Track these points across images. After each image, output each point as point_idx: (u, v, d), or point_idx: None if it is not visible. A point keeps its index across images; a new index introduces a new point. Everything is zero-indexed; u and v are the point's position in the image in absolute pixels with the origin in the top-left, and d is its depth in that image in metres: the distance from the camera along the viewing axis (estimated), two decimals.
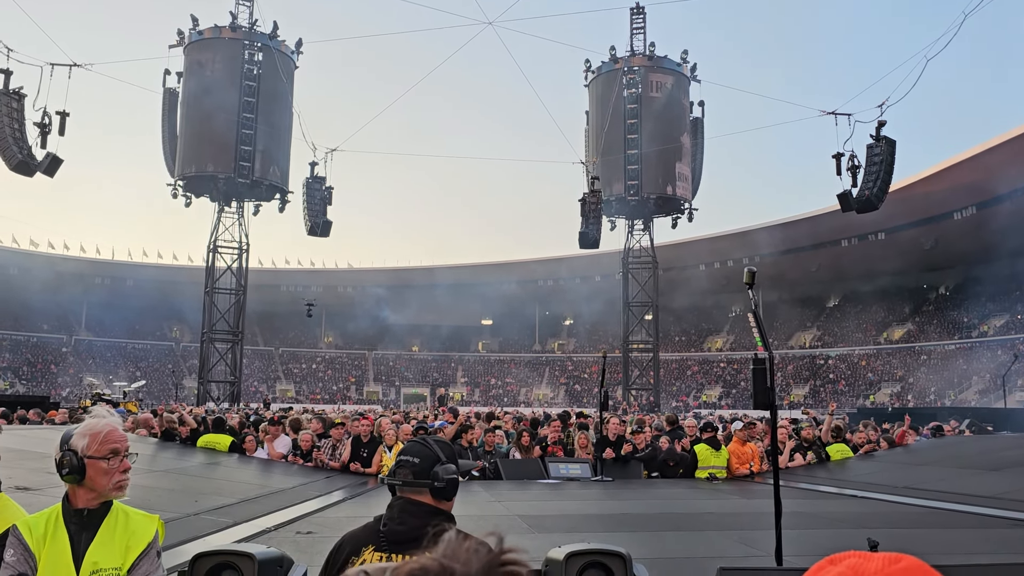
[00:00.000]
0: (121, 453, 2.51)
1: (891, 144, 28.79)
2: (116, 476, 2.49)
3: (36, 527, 2.46)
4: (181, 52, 38.74)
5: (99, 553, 2.44)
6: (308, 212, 34.95)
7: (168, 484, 8.03)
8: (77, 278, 58.78)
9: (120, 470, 2.50)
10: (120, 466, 2.50)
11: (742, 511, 7.88)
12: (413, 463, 2.34)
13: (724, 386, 58.36)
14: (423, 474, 2.30)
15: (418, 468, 2.31)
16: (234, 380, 38.57)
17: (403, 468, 2.33)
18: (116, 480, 2.49)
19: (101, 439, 2.50)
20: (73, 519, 2.47)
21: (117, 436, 2.53)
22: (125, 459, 2.52)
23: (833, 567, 0.74)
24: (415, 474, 2.31)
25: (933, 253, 51.69)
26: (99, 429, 2.54)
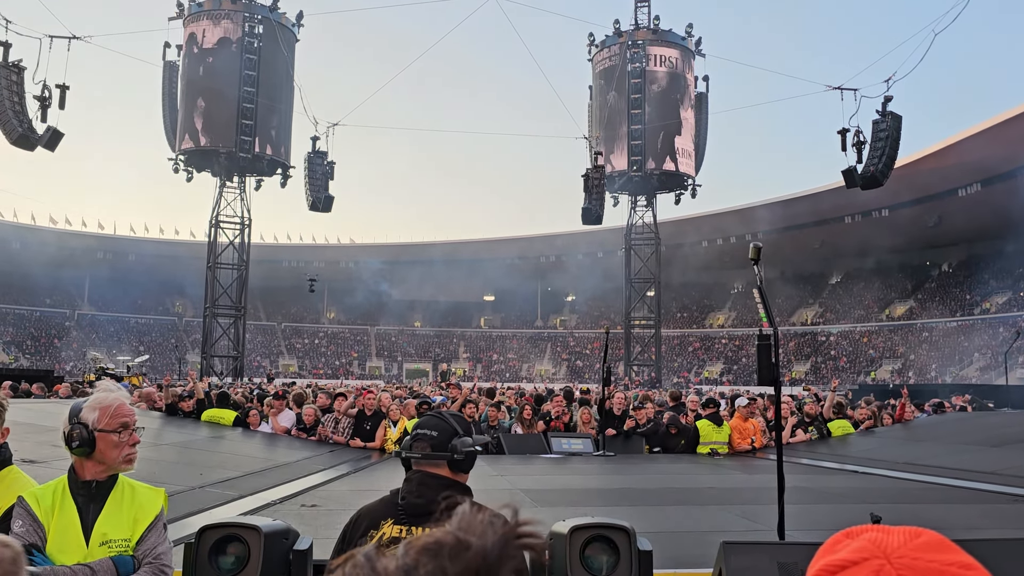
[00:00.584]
0: (131, 427, 2.55)
1: (897, 120, 28.59)
2: (126, 449, 2.53)
3: (44, 498, 2.48)
4: (181, 24, 38.43)
5: (108, 524, 2.47)
6: (310, 187, 34.85)
7: (173, 457, 8.09)
8: (80, 252, 58.77)
9: (130, 443, 2.54)
10: (130, 439, 2.54)
11: (744, 486, 7.93)
12: (431, 436, 2.35)
13: (725, 362, 58.50)
14: (441, 447, 2.33)
15: (436, 441, 2.33)
16: (237, 355, 38.70)
17: (421, 441, 2.35)
18: (126, 453, 2.53)
19: (112, 412, 2.53)
20: (81, 491, 2.50)
21: (127, 410, 2.57)
22: (134, 432, 2.56)
23: (851, 541, 0.74)
24: (433, 447, 2.33)
25: (936, 230, 51.55)
26: (109, 403, 2.56)
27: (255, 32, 37.32)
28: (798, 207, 51.36)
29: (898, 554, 0.68)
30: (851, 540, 0.74)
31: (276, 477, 7.57)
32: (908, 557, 0.69)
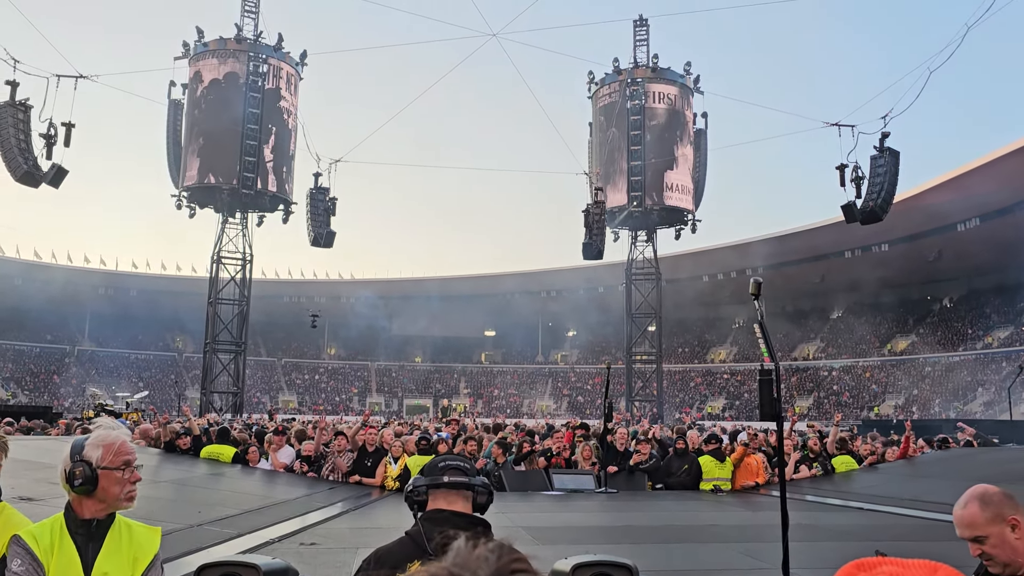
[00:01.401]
0: (132, 464, 2.54)
1: (895, 155, 28.79)
2: (127, 487, 2.51)
3: (42, 537, 2.44)
4: (186, 64, 38.92)
5: (108, 564, 2.45)
6: (312, 223, 35.00)
7: (171, 495, 8.02)
8: (81, 288, 58.95)
9: (131, 480, 2.53)
10: (131, 477, 2.53)
11: (747, 523, 7.85)
12: (464, 467, 2.34)
13: (727, 397, 58.22)
14: (468, 486, 2.30)
15: (467, 481, 2.31)
16: (236, 391, 38.54)
17: (454, 470, 2.31)
18: (127, 491, 2.52)
19: (115, 450, 2.52)
20: (80, 530, 2.47)
21: (129, 448, 2.57)
22: (136, 471, 2.55)
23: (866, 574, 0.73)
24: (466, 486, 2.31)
25: (936, 265, 51.64)
26: (112, 440, 2.55)
27: (259, 71, 37.77)
28: (798, 242, 51.52)
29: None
30: (866, 573, 0.73)
31: (275, 515, 7.50)
32: None
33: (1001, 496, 2.33)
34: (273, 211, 39.52)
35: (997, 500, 2.31)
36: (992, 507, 2.30)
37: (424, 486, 2.30)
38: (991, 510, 2.29)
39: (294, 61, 39.51)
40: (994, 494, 2.33)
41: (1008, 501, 2.31)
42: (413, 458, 10.18)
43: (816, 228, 49.51)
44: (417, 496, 2.31)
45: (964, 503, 2.38)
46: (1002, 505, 2.30)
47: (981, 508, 2.31)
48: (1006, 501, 2.31)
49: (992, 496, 2.33)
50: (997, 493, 2.34)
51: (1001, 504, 2.30)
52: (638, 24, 41.10)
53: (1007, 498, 2.32)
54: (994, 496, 2.33)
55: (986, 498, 2.32)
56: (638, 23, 41.09)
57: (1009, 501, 2.31)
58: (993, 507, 2.29)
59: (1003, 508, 2.28)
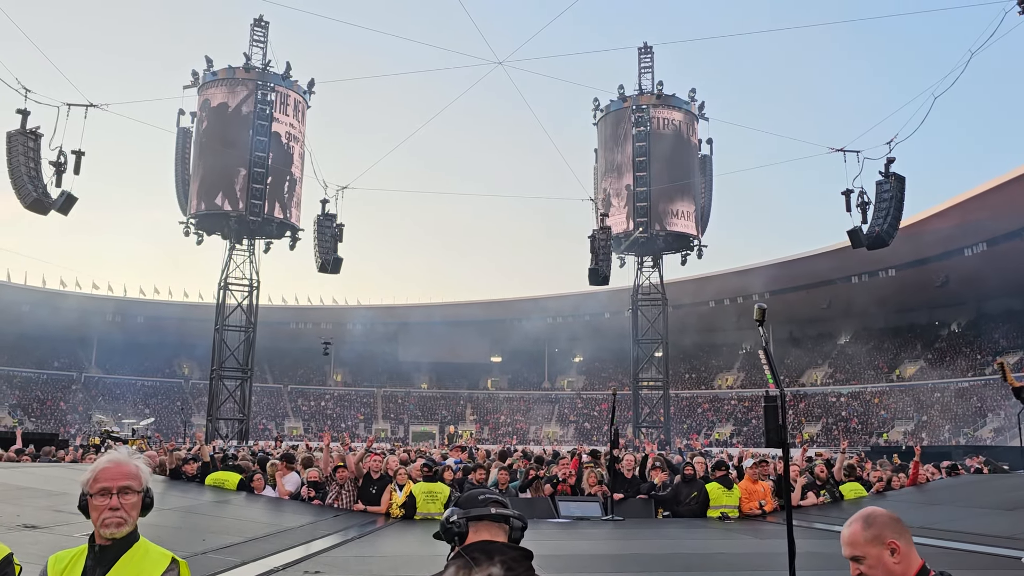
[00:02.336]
0: (112, 491, 2.50)
1: (900, 180, 28.82)
2: (103, 513, 2.48)
3: (60, 561, 2.52)
4: (195, 92, 39.39)
5: None
6: (319, 249, 35.13)
7: (176, 522, 7.99)
8: (88, 315, 59.11)
9: (107, 507, 2.49)
10: (105, 504, 2.49)
11: (754, 551, 7.78)
12: (501, 499, 2.33)
13: (735, 424, 57.84)
14: (508, 519, 2.29)
15: (510, 513, 2.30)
16: (242, 417, 38.50)
17: (495, 502, 2.30)
18: (103, 517, 2.49)
19: (95, 477, 2.53)
20: (91, 555, 2.51)
21: (109, 474, 2.53)
22: (116, 496, 2.50)
23: None
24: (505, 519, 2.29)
25: (944, 290, 51.45)
26: (97, 467, 2.57)
27: (267, 99, 38.17)
28: (804, 267, 51.47)
29: None
30: None
31: (280, 543, 7.46)
32: None
33: (886, 519, 2.33)
34: (280, 237, 39.73)
35: (881, 522, 2.31)
36: (874, 528, 2.30)
37: (464, 518, 2.27)
38: (872, 531, 2.29)
39: (302, 89, 39.93)
40: (879, 516, 2.34)
41: (892, 524, 2.31)
42: (418, 485, 10.13)
43: (822, 253, 49.48)
44: (458, 528, 2.27)
45: (850, 522, 2.38)
46: (885, 527, 2.30)
47: (863, 528, 2.32)
48: (890, 524, 2.31)
49: (877, 518, 2.33)
50: (883, 515, 2.34)
51: (884, 526, 2.30)
52: (643, 51, 41.48)
53: (892, 521, 2.32)
54: (879, 518, 2.33)
55: (870, 519, 2.33)
56: (643, 50, 41.47)
57: (893, 524, 2.31)
58: (875, 528, 2.29)
59: (885, 530, 2.29)
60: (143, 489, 2.58)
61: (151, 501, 2.63)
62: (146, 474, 2.63)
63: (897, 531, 2.30)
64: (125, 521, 2.50)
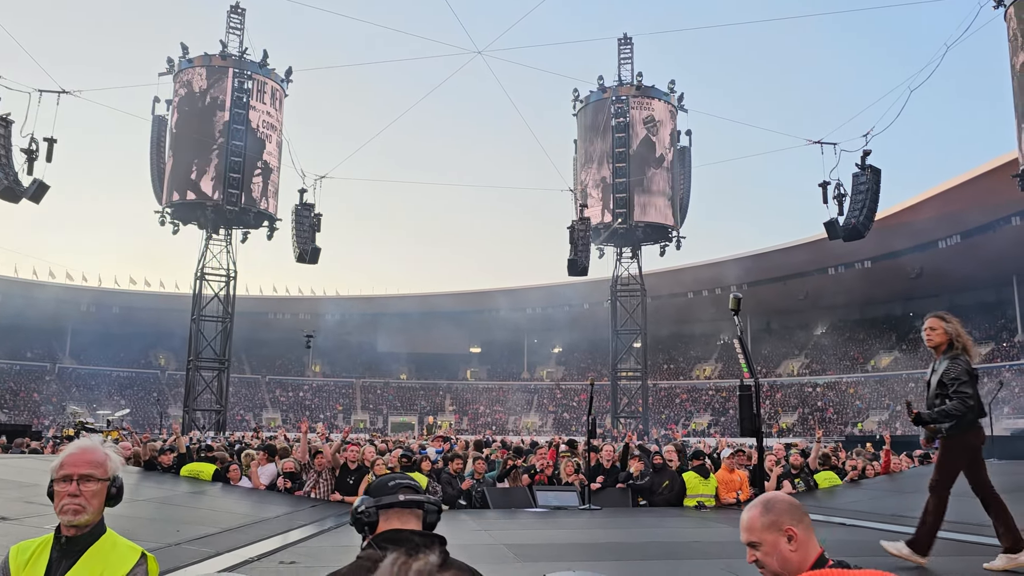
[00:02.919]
0: (73, 478, 2.44)
1: (876, 173, 29.09)
2: (62, 499, 2.43)
3: (23, 552, 2.45)
4: (171, 80, 38.86)
5: None
6: (297, 239, 34.89)
7: (150, 514, 7.92)
8: (62, 305, 58.34)
9: (67, 493, 2.43)
10: (65, 490, 2.43)
11: (730, 540, 7.83)
12: (416, 488, 2.28)
13: (713, 414, 58.29)
14: (421, 504, 2.25)
15: (421, 499, 2.26)
16: (220, 408, 38.22)
17: (407, 488, 2.25)
18: (60, 503, 2.43)
19: (60, 464, 2.48)
20: (56, 546, 2.45)
21: (73, 460, 2.47)
22: (76, 483, 2.43)
23: None
24: (419, 504, 2.26)
25: (918, 282, 52.08)
26: (64, 453, 2.52)
27: (244, 87, 37.74)
28: (781, 259, 51.86)
29: None
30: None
31: (256, 533, 7.42)
32: None
33: (786, 505, 2.29)
34: (258, 227, 39.38)
35: (780, 508, 2.27)
36: (772, 514, 2.26)
37: (374, 507, 2.21)
38: (770, 517, 2.25)
39: (279, 77, 39.53)
40: (779, 501, 2.30)
41: (791, 511, 2.27)
42: None
43: (799, 245, 49.89)
44: (368, 517, 2.21)
45: (749, 507, 2.35)
46: (783, 514, 2.25)
47: (761, 513, 2.28)
48: (789, 510, 2.27)
49: (776, 504, 2.29)
50: (783, 501, 2.31)
51: (782, 513, 2.26)
52: (623, 42, 41.48)
53: (792, 508, 2.29)
54: (778, 504, 2.29)
55: (769, 504, 2.29)
56: (623, 41, 41.46)
57: (792, 511, 2.27)
58: (773, 514, 2.25)
59: (783, 517, 2.24)
60: (108, 478, 2.50)
61: (118, 491, 2.54)
62: (114, 463, 2.55)
63: (796, 518, 2.26)
64: (83, 509, 2.42)
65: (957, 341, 6.04)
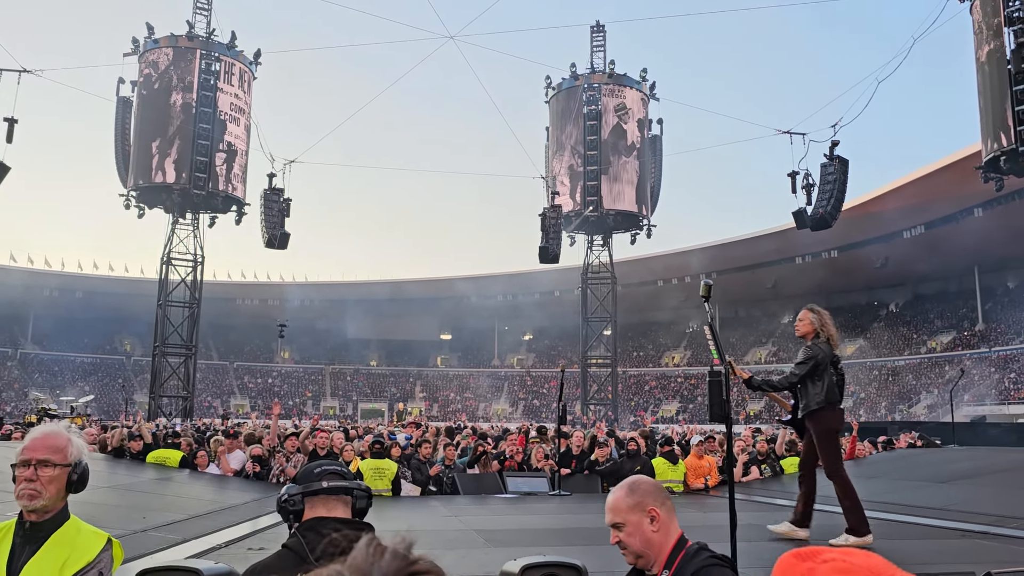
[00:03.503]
0: (31, 463, 2.39)
1: (844, 163, 29.44)
2: (20, 484, 2.38)
3: None
4: (136, 60, 38.08)
5: (35, 569, 2.34)
6: (265, 224, 34.45)
7: (116, 500, 7.81)
8: (24, 289, 57.08)
9: (24, 478, 2.38)
10: (21, 474, 2.39)
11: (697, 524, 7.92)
12: (343, 475, 2.26)
13: (681, 401, 58.89)
14: (347, 491, 2.23)
15: (346, 485, 2.23)
16: (187, 395, 37.76)
17: (332, 475, 2.23)
18: (18, 488, 2.39)
19: (21, 447, 2.44)
20: (19, 532, 2.39)
21: (32, 445, 2.43)
22: (34, 468, 2.38)
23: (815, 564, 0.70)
24: (345, 491, 2.23)
25: (883, 271, 52.95)
26: (28, 438, 2.48)
27: (211, 69, 37.10)
28: (750, 248, 52.38)
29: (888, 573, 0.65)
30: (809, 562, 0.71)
31: (224, 520, 7.35)
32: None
33: (650, 487, 2.34)
34: (226, 212, 38.81)
35: (644, 490, 2.32)
36: (636, 495, 2.30)
37: (299, 494, 2.17)
38: (634, 498, 2.29)
39: (247, 60, 38.90)
40: (643, 484, 2.35)
41: (655, 493, 2.32)
42: (365, 461, 10.08)
43: (768, 234, 50.42)
44: (293, 506, 2.17)
45: (614, 489, 2.40)
46: (647, 495, 2.30)
47: (626, 494, 2.32)
48: (652, 492, 2.31)
49: (640, 485, 2.33)
50: (647, 483, 2.36)
51: (646, 494, 2.30)
52: (595, 30, 41.41)
53: (655, 490, 2.34)
54: (642, 485, 2.33)
55: (634, 486, 2.33)
56: (595, 29, 41.40)
57: (656, 493, 2.32)
58: (638, 495, 2.29)
59: (647, 498, 2.29)
60: (68, 464, 2.44)
61: (79, 478, 2.47)
62: (76, 449, 2.48)
63: (659, 500, 2.31)
64: (39, 494, 2.37)
65: (822, 331, 6.69)
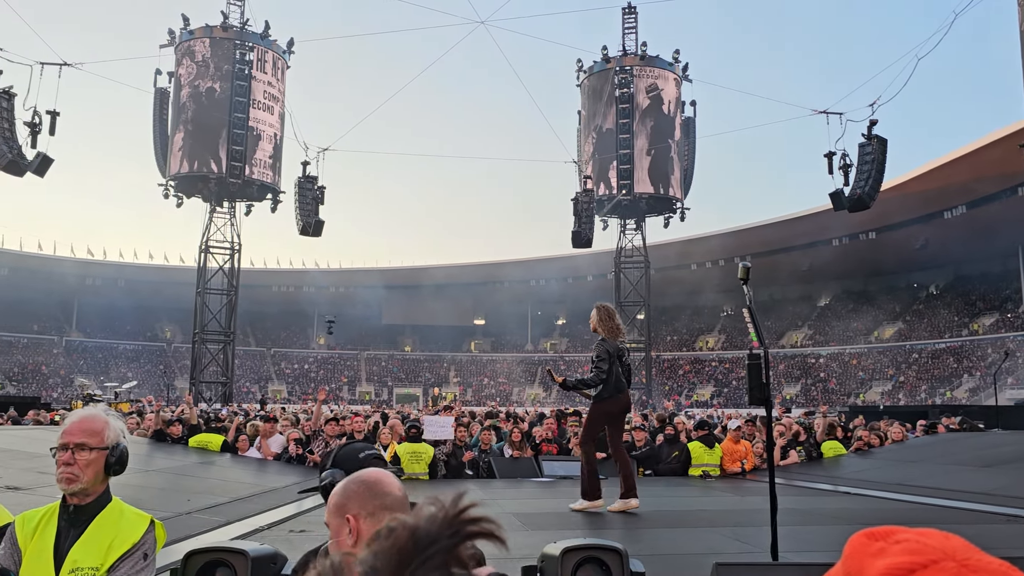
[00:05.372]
0: (68, 446, 2.42)
1: (883, 143, 28.88)
2: (59, 468, 2.42)
3: (29, 522, 2.44)
4: (172, 52, 38.57)
5: (81, 551, 2.39)
6: (300, 212, 34.81)
7: (160, 483, 8.00)
8: (68, 279, 58.53)
9: (62, 462, 2.42)
10: (60, 458, 2.43)
11: (736, 508, 7.89)
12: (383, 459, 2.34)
13: (716, 385, 58.50)
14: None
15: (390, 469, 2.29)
16: (225, 381, 38.39)
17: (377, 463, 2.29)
18: (58, 472, 2.42)
19: (61, 431, 2.48)
20: (64, 515, 2.44)
21: (70, 429, 2.46)
22: (71, 452, 2.41)
23: (886, 544, 0.69)
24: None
25: (923, 253, 51.95)
26: (67, 421, 2.52)
27: (246, 59, 37.44)
28: (786, 230, 51.70)
29: (963, 555, 0.63)
30: (881, 541, 0.69)
31: (265, 503, 7.49)
32: (974, 559, 0.64)
33: (360, 489, 1.88)
34: (261, 200, 39.28)
35: (351, 491, 1.89)
36: (341, 496, 1.88)
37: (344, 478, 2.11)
38: (338, 499, 1.88)
39: (281, 49, 39.19)
40: (358, 484, 1.89)
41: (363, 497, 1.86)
42: (403, 445, 10.19)
43: (804, 216, 49.69)
44: None
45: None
46: (351, 498, 1.86)
47: (335, 493, 1.93)
48: (360, 496, 1.86)
49: (351, 486, 1.90)
50: (362, 484, 1.89)
51: (351, 497, 1.87)
52: (627, 12, 40.97)
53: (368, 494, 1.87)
54: (351, 486, 1.90)
55: (348, 485, 1.91)
56: (627, 11, 40.95)
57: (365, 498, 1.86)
58: (343, 497, 1.87)
59: (350, 502, 1.86)
60: (105, 447, 2.46)
61: (117, 460, 2.49)
62: (114, 432, 2.51)
63: (366, 507, 1.85)
64: (77, 478, 2.40)
65: (599, 328, 7.19)
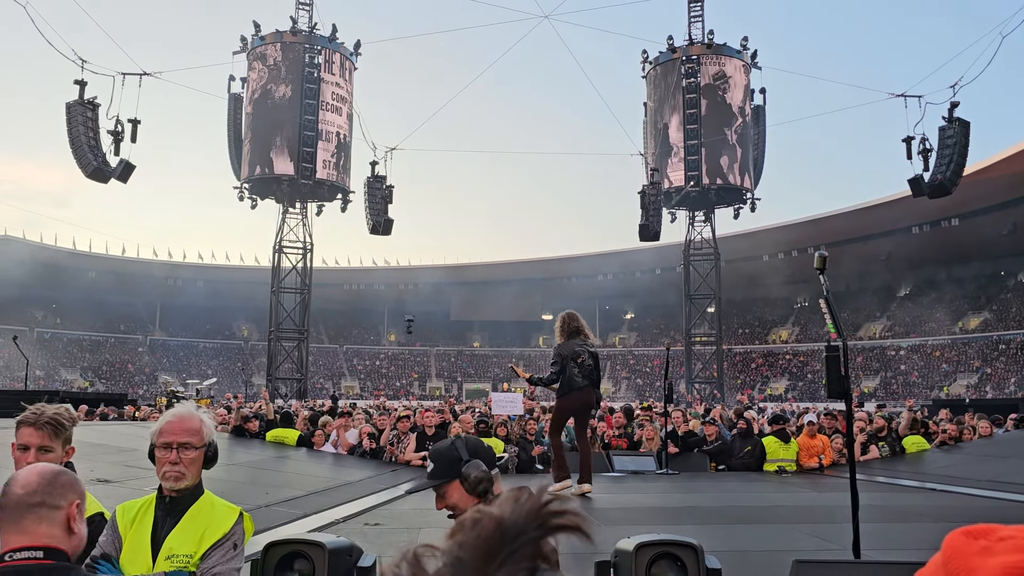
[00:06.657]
0: (172, 446, 2.55)
1: (965, 126, 27.73)
2: (164, 466, 2.55)
3: (129, 511, 2.59)
4: (244, 58, 39.68)
5: (176, 540, 2.53)
6: (370, 211, 35.42)
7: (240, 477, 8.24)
8: (151, 280, 61.10)
9: (168, 461, 2.54)
10: (165, 457, 2.55)
11: (814, 504, 7.69)
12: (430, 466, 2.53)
13: (790, 378, 57.14)
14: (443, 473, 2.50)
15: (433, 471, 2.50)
16: (300, 377, 39.35)
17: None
18: (163, 470, 2.55)
19: (160, 431, 2.60)
20: (160, 505, 2.59)
21: (172, 428, 2.58)
22: (176, 451, 2.54)
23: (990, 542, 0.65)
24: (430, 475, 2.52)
25: (1010, 239, 49.63)
26: (163, 420, 2.65)
27: (315, 62, 38.26)
28: (863, 218, 50.09)
29: None
30: (983, 540, 0.65)
31: (340, 496, 7.64)
32: None
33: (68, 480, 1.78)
34: (332, 200, 40.12)
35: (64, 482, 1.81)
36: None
37: (488, 472, 2.40)
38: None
39: (348, 51, 39.91)
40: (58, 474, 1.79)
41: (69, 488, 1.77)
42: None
43: (881, 204, 48.08)
44: (490, 483, 2.40)
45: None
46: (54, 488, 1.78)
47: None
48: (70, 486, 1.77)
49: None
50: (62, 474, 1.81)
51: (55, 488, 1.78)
52: (692, 0, 40.28)
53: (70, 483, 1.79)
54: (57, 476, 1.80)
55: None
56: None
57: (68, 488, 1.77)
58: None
59: (54, 492, 1.77)
60: (204, 444, 2.62)
61: (213, 455, 2.67)
62: (208, 429, 2.67)
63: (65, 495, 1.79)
64: (184, 476, 2.55)
65: (556, 333, 7.93)
